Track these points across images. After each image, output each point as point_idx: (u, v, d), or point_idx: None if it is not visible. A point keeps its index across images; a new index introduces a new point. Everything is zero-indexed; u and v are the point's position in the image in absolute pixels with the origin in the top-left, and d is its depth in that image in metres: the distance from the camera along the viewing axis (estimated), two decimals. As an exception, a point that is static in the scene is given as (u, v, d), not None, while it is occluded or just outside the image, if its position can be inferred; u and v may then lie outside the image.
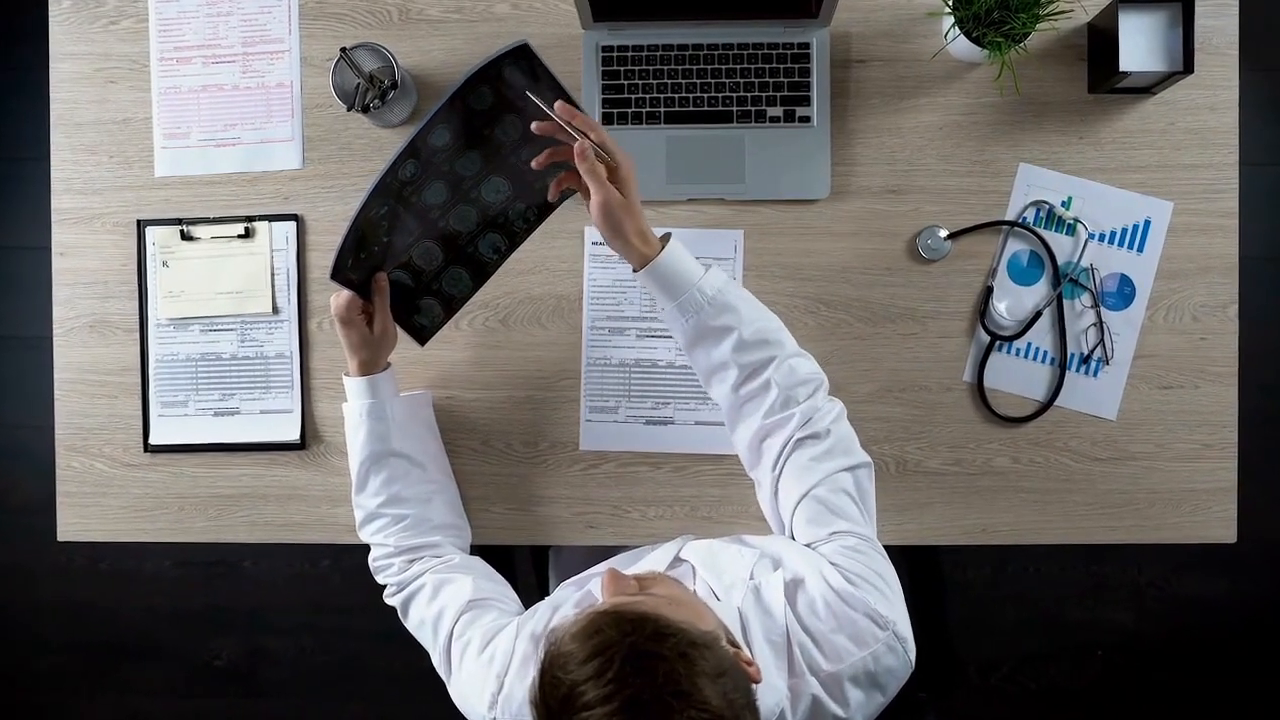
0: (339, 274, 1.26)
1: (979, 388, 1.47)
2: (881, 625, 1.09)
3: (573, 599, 1.22)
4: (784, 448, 1.20)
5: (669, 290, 1.21)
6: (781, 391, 1.21)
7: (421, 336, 1.38)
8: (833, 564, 1.13)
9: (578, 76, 1.47)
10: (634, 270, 1.23)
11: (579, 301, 1.49)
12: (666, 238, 1.23)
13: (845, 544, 1.16)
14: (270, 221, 1.50)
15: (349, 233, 1.21)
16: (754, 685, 0.97)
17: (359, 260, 1.26)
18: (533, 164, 1.23)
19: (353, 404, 1.35)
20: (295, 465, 1.51)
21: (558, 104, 1.19)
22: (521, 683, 1.15)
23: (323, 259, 1.48)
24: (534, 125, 1.21)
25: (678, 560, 1.24)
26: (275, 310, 1.50)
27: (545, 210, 1.32)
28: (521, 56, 1.16)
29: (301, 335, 1.50)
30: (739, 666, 0.96)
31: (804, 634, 1.09)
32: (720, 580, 1.15)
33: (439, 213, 1.29)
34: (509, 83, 1.18)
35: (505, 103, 1.21)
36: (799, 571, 1.14)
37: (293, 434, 1.50)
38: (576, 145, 1.18)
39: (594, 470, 1.49)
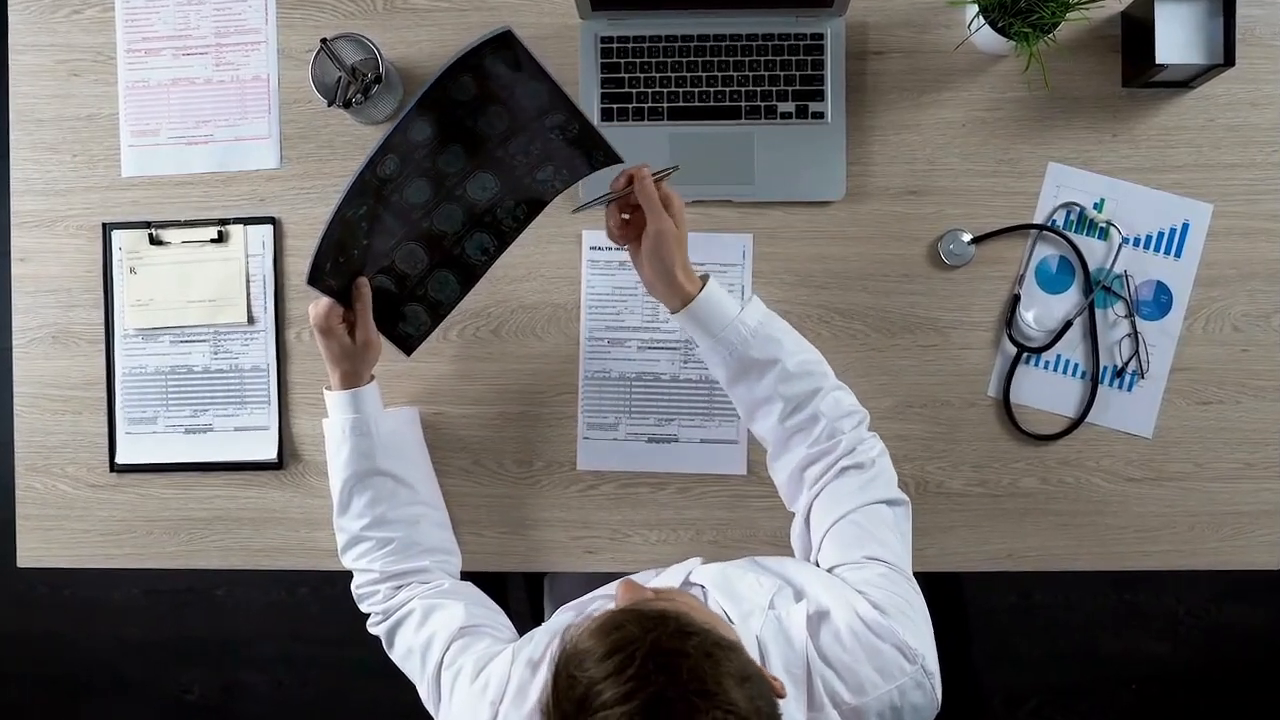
0: (317, 280, 1.25)
1: (1005, 403, 1.45)
2: (910, 658, 1.09)
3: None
4: (825, 473, 1.23)
5: (709, 327, 1.24)
6: (829, 422, 1.24)
7: (407, 346, 1.37)
8: (860, 592, 1.13)
9: (575, 69, 1.46)
10: (673, 311, 1.25)
11: (576, 310, 1.48)
12: (705, 277, 1.25)
13: (878, 571, 1.16)
14: (245, 225, 1.49)
15: (325, 235, 1.21)
16: (778, 700, 0.96)
17: (338, 265, 1.25)
18: (611, 228, 1.26)
19: (334, 420, 1.34)
20: (272, 486, 1.50)
21: (616, 181, 1.23)
22: (518, 710, 1.14)
23: (301, 265, 1.48)
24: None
25: (688, 584, 1.23)
26: (251, 320, 1.49)
27: (536, 207, 1.32)
28: (504, 45, 1.15)
29: (279, 346, 1.50)
30: (764, 675, 0.95)
31: (826, 666, 1.09)
32: (738, 606, 1.14)
33: (422, 212, 1.27)
34: (492, 73, 1.18)
35: (489, 93, 1.20)
36: (823, 603, 1.13)
37: (270, 452, 1.49)
38: (637, 166, 1.22)
39: (592, 491, 1.48)
